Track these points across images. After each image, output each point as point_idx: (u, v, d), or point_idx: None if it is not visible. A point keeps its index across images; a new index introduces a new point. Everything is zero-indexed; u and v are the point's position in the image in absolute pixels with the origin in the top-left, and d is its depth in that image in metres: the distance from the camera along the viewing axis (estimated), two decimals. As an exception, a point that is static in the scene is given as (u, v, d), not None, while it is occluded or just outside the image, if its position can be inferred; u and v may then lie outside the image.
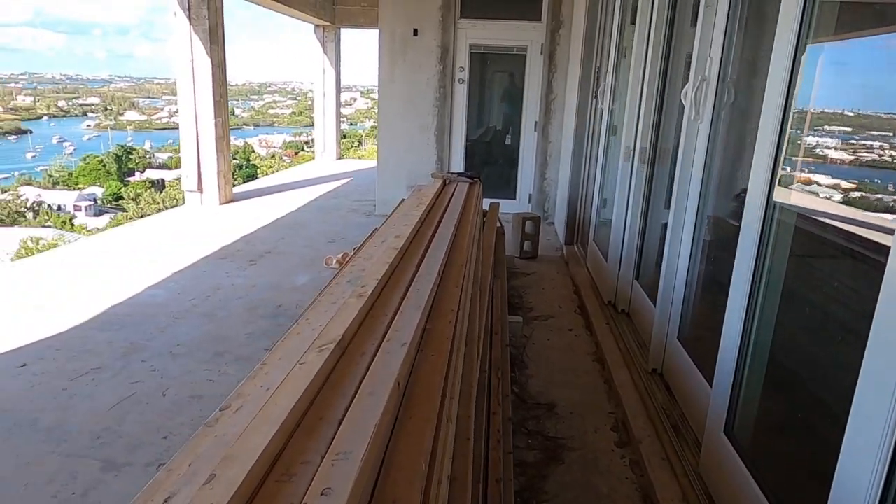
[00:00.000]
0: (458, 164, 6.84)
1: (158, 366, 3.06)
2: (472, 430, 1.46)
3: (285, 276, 4.59)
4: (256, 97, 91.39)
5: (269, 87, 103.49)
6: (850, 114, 2.12)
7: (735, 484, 1.89)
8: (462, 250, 2.15)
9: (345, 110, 17.97)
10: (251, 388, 1.05)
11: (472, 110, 6.89)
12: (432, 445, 1.01)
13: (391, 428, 1.02)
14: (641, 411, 2.61)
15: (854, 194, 2.17)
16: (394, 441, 0.99)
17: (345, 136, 16.77)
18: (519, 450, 2.40)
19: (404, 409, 1.09)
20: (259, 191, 8.25)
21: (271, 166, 32.50)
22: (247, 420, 0.93)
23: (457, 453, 1.28)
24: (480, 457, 1.71)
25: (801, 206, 2.01)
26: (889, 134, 2.04)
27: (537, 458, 2.38)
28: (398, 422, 1.05)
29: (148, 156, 48.69)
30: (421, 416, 1.08)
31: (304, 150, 46.46)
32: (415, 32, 6.48)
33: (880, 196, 2.14)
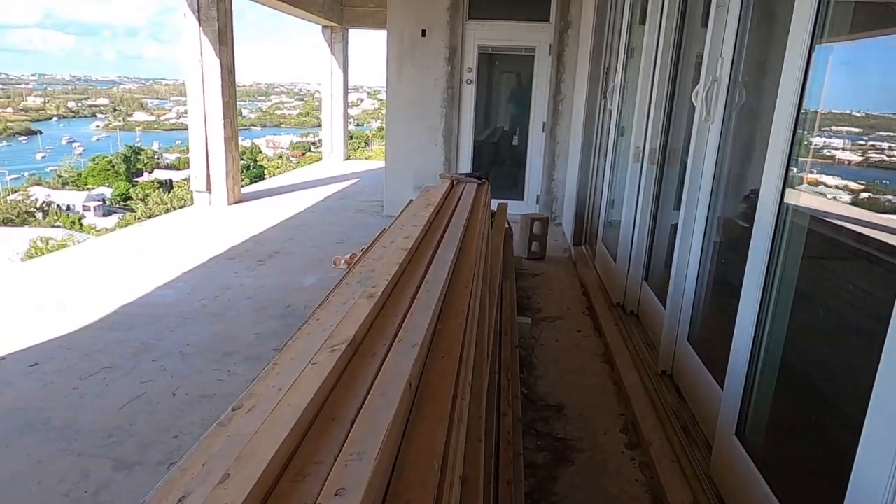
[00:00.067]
0: (466, 165, 6.84)
1: (168, 365, 3.08)
2: (483, 431, 1.46)
3: (294, 276, 4.61)
4: (264, 98, 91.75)
5: (277, 88, 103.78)
6: (859, 114, 2.10)
7: (746, 486, 1.87)
8: (471, 251, 2.15)
9: (351, 111, 17.98)
10: (263, 388, 1.06)
11: (480, 111, 6.88)
12: (444, 446, 1.00)
13: (403, 428, 1.02)
14: (651, 413, 2.60)
15: (863, 195, 2.15)
16: (406, 442, 0.99)
17: (352, 137, 16.80)
18: (528, 451, 2.39)
19: (416, 410, 1.09)
20: (267, 191, 8.27)
21: (278, 167, 32.58)
22: (260, 420, 0.93)
23: (468, 454, 1.27)
24: (491, 458, 1.70)
25: (813, 208, 1.99)
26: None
27: (547, 460, 2.37)
28: (410, 422, 1.05)
29: (156, 156, 49.00)
30: (433, 416, 1.07)
31: (311, 150, 46.63)
32: (423, 33, 6.48)
33: (889, 197, 2.12)
